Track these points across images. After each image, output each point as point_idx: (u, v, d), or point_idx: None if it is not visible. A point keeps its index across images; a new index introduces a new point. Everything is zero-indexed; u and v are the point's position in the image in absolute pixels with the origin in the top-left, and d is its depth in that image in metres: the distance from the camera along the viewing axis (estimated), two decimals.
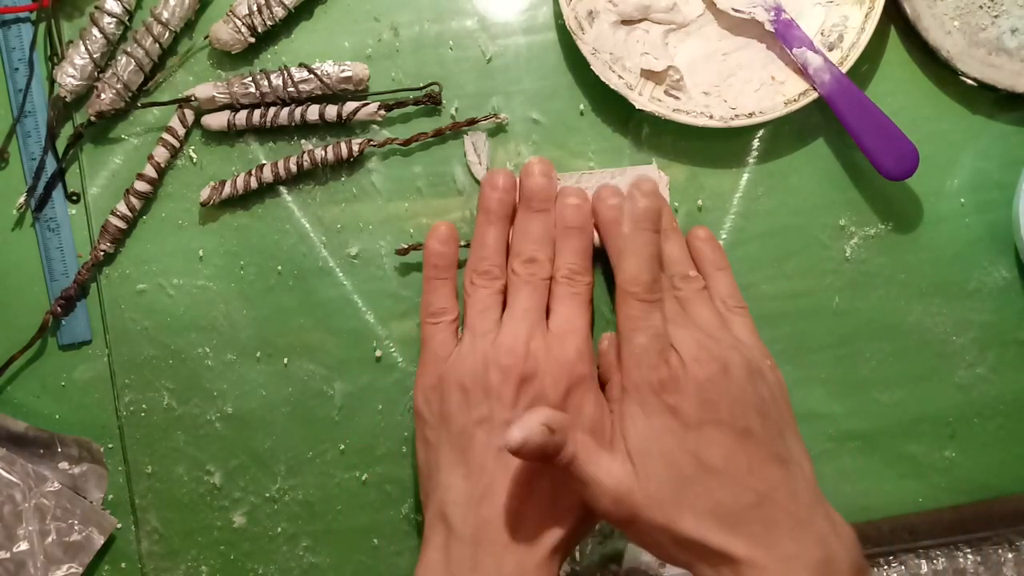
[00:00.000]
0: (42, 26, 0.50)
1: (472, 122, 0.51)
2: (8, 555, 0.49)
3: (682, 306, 0.46)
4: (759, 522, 0.40)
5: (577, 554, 0.51)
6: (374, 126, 0.51)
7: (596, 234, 0.49)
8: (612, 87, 0.49)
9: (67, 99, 0.50)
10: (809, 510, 0.40)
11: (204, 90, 0.50)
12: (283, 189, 0.51)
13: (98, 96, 0.49)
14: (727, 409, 0.41)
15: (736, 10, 0.50)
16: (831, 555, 0.39)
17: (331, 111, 0.50)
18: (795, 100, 0.49)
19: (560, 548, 0.43)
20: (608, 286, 0.51)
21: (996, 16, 0.50)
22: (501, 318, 0.45)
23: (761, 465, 0.41)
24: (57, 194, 0.51)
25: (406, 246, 0.50)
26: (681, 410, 0.41)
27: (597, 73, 0.49)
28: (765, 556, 0.39)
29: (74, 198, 0.51)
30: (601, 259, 0.50)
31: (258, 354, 0.51)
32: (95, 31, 0.49)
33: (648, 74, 0.49)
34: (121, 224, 0.50)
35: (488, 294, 0.46)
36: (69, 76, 0.49)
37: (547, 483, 0.42)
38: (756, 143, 0.51)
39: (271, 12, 0.49)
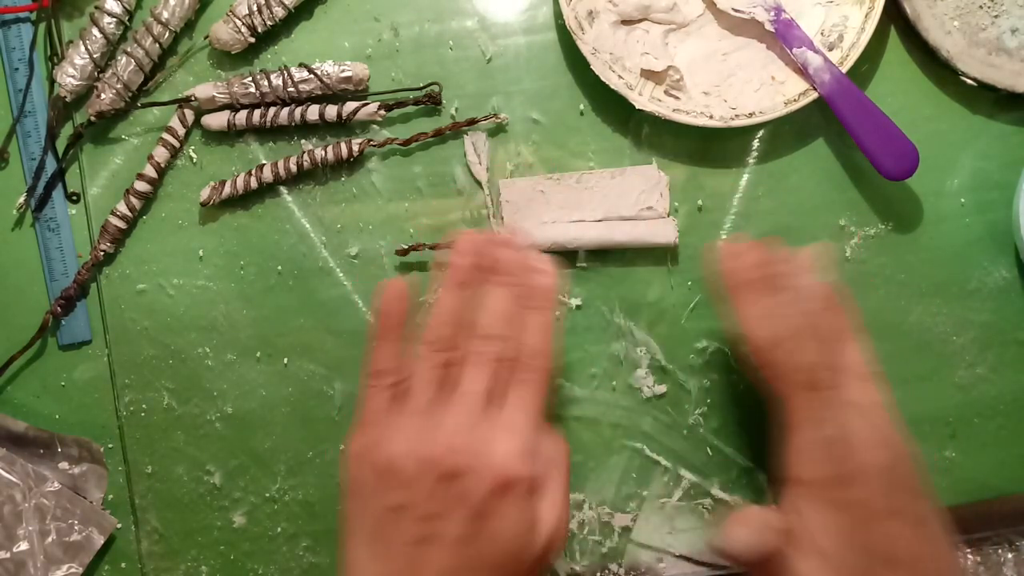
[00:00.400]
0: (42, 26, 0.50)
1: (472, 122, 0.51)
2: (8, 555, 0.49)
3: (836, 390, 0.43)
4: None
5: (577, 554, 0.51)
6: (374, 126, 0.51)
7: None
8: (612, 87, 0.49)
9: (67, 99, 0.50)
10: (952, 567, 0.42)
11: (204, 90, 0.50)
12: (283, 189, 0.51)
13: (98, 96, 0.50)
14: (907, 496, 0.40)
15: (736, 10, 0.50)
16: None
17: (331, 111, 0.50)
18: (795, 100, 0.49)
19: None
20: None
21: (996, 16, 0.50)
22: (444, 395, 0.41)
23: (929, 546, 0.41)
24: (57, 194, 0.51)
25: (406, 247, 0.50)
26: (865, 503, 0.40)
27: (597, 73, 0.49)
28: None
29: (74, 198, 0.51)
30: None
31: (258, 354, 0.51)
32: (95, 31, 0.49)
33: (648, 74, 0.49)
34: (121, 224, 0.50)
35: (431, 368, 0.41)
36: (69, 76, 0.49)
37: None
38: (756, 143, 0.51)
39: (271, 12, 0.49)
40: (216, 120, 0.50)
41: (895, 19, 0.51)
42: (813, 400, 0.41)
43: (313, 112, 0.50)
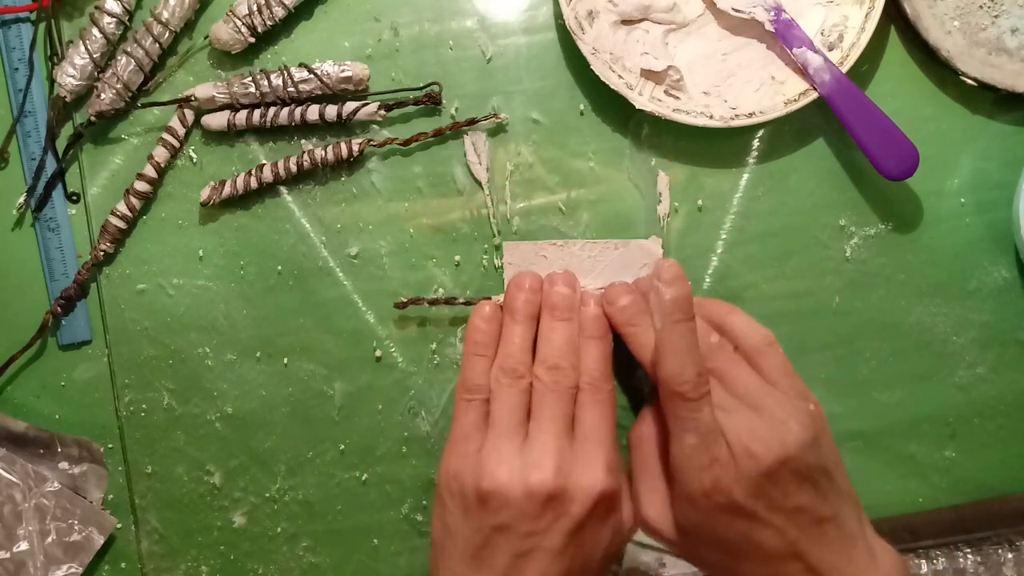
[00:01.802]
0: (42, 26, 0.50)
1: (472, 122, 0.51)
2: (8, 555, 0.49)
3: (718, 378, 0.45)
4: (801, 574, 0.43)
5: None
6: (374, 126, 0.51)
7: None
8: (612, 87, 0.49)
9: (67, 99, 0.50)
10: (846, 556, 0.43)
11: (204, 90, 0.50)
12: (283, 189, 0.51)
13: (98, 96, 0.50)
14: (781, 495, 0.42)
15: (736, 10, 0.50)
16: None
17: (331, 111, 0.50)
18: (795, 100, 0.49)
19: None
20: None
21: (996, 16, 0.50)
22: (527, 419, 0.45)
23: (807, 530, 0.42)
24: (57, 194, 0.51)
25: (404, 300, 0.50)
26: (733, 506, 0.42)
27: (597, 73, 0.49)
28: None
29: (74, 198, 0.51)
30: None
31: (258, 354, 0.51)
32: (95, 31, 0.49)
33: (648, 74, 0.49)
34: (121, 224, 0.50)
35: (514, 393, 0.46)
36: (69, 76, 0.49)
37: None
38: (756, 143, 0.51)
39: (271, 12, 0.49)
40: (216, 120, 0.50)
41: (895, 19, 0.51)
42: (679, 408, 0.42)
43: (313, 112, 0.50)
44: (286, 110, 0.50)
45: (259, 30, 0.50)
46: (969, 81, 0.50)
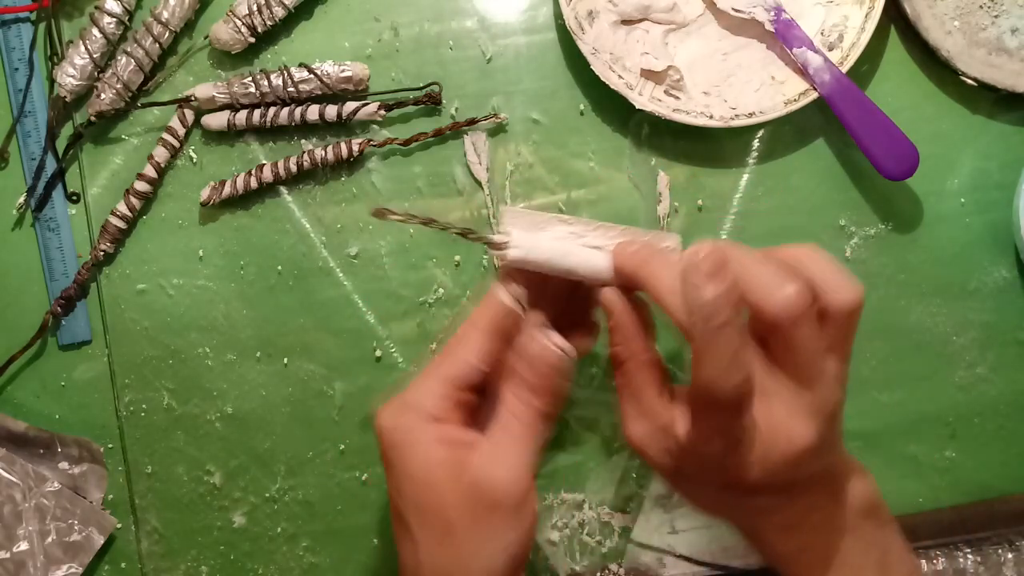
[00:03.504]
0: (42, 26, 0.50)
1: (472, 122, 0.51)
2: (8, 555, 0.49)
3: (781, 338, 0.37)
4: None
5: (577, 554, 0.51)
6: (374, 126, 0.51)
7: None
8: (612, 87, 0.49)
9: (67, 99, 0.50)
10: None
11: (204, 90, 0.50)
12: (283, 189, 0.51)
13: (98, 96, 0.50)
14: (791, 478, 0.38)
15: (736, 10, 0.50)
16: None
17: (331, 111, 0.50)
18: (795, 100, 0.49)
19: None
20: None
21: (996, 16, 0.50)
22: None
23: (804, 485, 0.40)
24: (57, 194, 0.51)
25: (385, 208, 0.40)
26: (746, 491, 0.39)
27: (597, 73, 0.49)
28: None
29: (74, 198, 0.51)
30: None
31: (258, 354, 0.51)
32: (95, 31, 0.49)
33: (648, 74, 0.49)
34: (121, 224, 0.50)
35: None
36: (69, 76, 0.49)
37: None
38: (756, 143, 0.51)
39: (271, 12, 0.49)
40: (216, 120, 0.50)
41: (895, 19, 0.51)
42: (714, 416, 0.36)
43: (313, 112, 0.50)
44: (286, 110, 0.50)
45: (259, 30, 0.50)
46: (969, 81, 0.50)
